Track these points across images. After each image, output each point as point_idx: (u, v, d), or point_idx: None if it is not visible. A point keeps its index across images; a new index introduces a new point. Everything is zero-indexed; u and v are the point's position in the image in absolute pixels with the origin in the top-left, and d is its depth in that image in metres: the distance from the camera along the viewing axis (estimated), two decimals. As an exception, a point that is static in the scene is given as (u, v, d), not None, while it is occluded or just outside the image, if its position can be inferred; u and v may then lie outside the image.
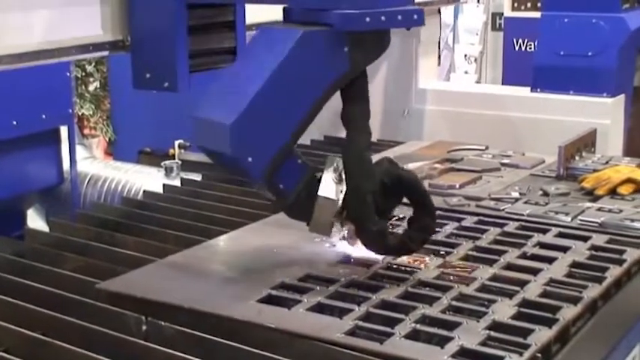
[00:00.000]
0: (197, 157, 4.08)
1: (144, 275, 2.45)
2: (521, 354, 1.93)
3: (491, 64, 8.13)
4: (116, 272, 2.46)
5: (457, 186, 3.18)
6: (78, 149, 4.16)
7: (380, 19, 2.21)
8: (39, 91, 3.74)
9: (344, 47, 2.23)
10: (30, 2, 2.34)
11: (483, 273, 2.38)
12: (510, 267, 2.44)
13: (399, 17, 2.25)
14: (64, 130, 3.97)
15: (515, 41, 7.10)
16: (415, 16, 2.28)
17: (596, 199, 3.03)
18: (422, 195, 2.40)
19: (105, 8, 2.51)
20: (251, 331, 2.07)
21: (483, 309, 2.15)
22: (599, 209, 2.90)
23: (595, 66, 4.29)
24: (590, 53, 4.32)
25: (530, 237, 2.67)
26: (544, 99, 4.37)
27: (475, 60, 8.62)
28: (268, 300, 2.22)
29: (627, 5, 4.44)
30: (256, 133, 2.20)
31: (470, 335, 2.01)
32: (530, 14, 6.56)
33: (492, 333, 2.02)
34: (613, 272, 2.40)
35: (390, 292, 2.25)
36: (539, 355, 1.95)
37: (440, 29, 5.01)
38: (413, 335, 2.02)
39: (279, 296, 2.24)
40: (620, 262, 2.47)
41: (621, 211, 2.86)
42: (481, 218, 2.86)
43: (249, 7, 2.75)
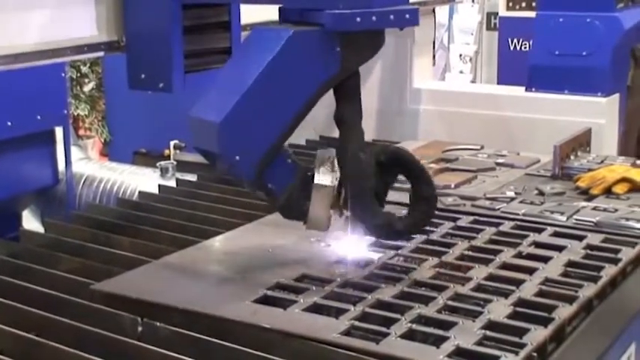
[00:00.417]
0: (192, 158, 4.08)
1: (139, 276, 2.44)
2: (516, 353, 1.92)
3: (486, 64, 8.14)
4: (111, 273, 2.45)
5: (452, 186, 3.18)
6: (73, 150, 4.15)
7: (371, 19, 2.20)
8: (34, 92, 3.73)
9: (336, 47, 2.22)
10: (25, 3, 2.33)
11: (479, 272, 2.38)
12: (506, 266, 2.44)
13: (392, 17, 2.24)
14: (59, 131, 3.96)
15: (510, 41, 7.11)
16: (408, 16, 2.26)
17: (591, 199, 3.03)
18: (418, 167, 2.39)
19: (100, 9, 2.50)
20: (246, 332, 2.07)
21: (479, 309, 2.15)
22: (594, 208, 2.90)
23: (589, 65, 4.29)
24: (584, 53, 4.32)
25: (525, 236, 2.67)
26: (539, 98, 4.37)
27: (470, 60, 8.62)
28: (264, 300, 2.22)
29: (621, 5, 4.44)
30: (245, 132, 2.21)
31: (466, 335, 2.00)
32: (524, 14, 6.57)
33: (488, 332, 2.02)
34: (608, 271, 2.40)
35: (386, 292, 2.25)
36: (534, 355, 1.95)
37: (434, 29, 5.00)
38: (409, 335, 2.02)
39: (274, 296, 2.24)
40: (615, 262, 2.47)
41: (616, 211, 2.86)
42: (476, 218, 2.86)
43: (244, 8, 2.74)
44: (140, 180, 4.16)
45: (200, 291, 2.31)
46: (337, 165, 2.31)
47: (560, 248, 2.57)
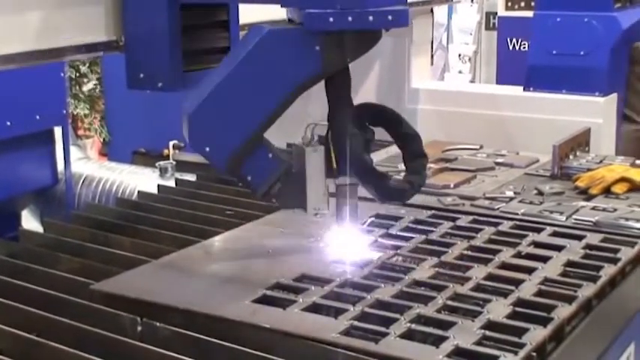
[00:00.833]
0: (191, 158, 4.08)
1: (139, 276, 2.44)
2: (516, 353, 1.92)
3: (485, 64, 8.13)
4: (111, 273, 2.45)
5: (452, 185, 3.18)
6: (72, 150, 4.15)
7: (346, 20, 2.17)
8: (33, 92, 3.72)
9: (315, 46, 2.21)
10: (23, 3, 2.33)
11: (478, 272, 2.37)
12: (505, 266, 2.44)
13: (370, 18, 2.18)
14: (58, 131, 3.96)
15: (509, 40, 7.10)
16: (390, 17, 2.20)
17: (590, 198, 3.03)
18: (404, 124, 2.50)
19: (99, 9, 2.50)
20: (246, 332, 2.07)
21: (478, 308, 2.14)
22: (593, 208, 2.89)
23: (587, 65, 4.29)
24: (582, 52, 4.32)
25: (524, 236, 2.67)
26: (536, 98, 4.36)
27: (469, 59, 8.62)
28: (263, 300, 2.22)
29: (619, 4, 4.44)
30: (215, 125, 2.26)
31: (465, 335, 2.00)
32: (523, 13, 6.57)
33: (487, 332, 2.01)
34: (607, 271, 2.40)
35: (385, 292, 2.24)
36: (534, 354, 1.94)
37: (432, 29, 4.99)
38: (408, 335, 2.01)
39: (274, 296, 2.24)
40: (614, 261, 2.47)
41: (615, 210, 2.86)
42: (476, 217, 2.85)
43: (242, 7, 2.74)
44: (139, 180, 4.16)
45: (199, 291, 2.31)
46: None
47: (559, 248, 2.57)
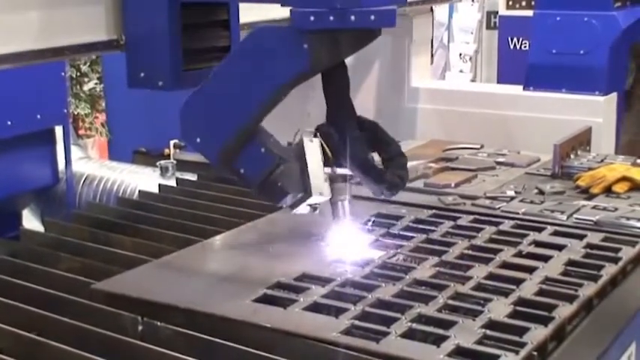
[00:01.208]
0: (192, 157, 4.08)
1: (140, 275, 2.44)
2: (517, 352, 1.92)
3: (486, 63, 8.12)
4: (112, 272, 2.45)
5: (452, 185, 3.18)
6: (73, 149, 4.14)
7: (328, 19, 2.16)
8: (34, 91, 3.72)
9: (303, 45, 2.21)
10: (24, 2, 2.33)
11: (479, 272, 2.37)
12: (506, 265, 2.43)
13: (352, 18, 2.16)
14: (59, 130, 3.95)
15: (510, 40, 7.09)
16: (372, 17, 2.17)
17: (591, 198, 3.03)
18: (380, 130, 2.52)
19: (99, 8, 2.49)
20: (247, 331, 2.06)
21: (479, 308, 2.14)
22: (594, 207, 2.89)
23: (587, 64, 4.28)
24: (582, 52, 4.32)
25: (525, 235, 2.66)
26: (536, 97, 4.36)
27: (470, 59, 8.61)
28: (264, 299, 2.21)
29: (619, 3, 4.43)
30: (206, 116, 2.32)
31: (466, 334, 2.00)
32: (524, 12, 6.55)
33: (488, 332, 2.01)
34: (608, 270, 2.39)
35: (386, 291, 2.24)
36: (535, 354, 1.94)
37: (432, 28, 4.99)
38: (409, 334, 2.01)
39: (274, 296, 2.23)
40: (615, 261, 2.46)
41: (616, 210, 2.85)
42: (477, 217, 2.85)
43: (242, 7, 2.73)
44: (140, 179, 4.15)
45: (200, 290, 2.31)
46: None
47: (560, 247, 2.56)
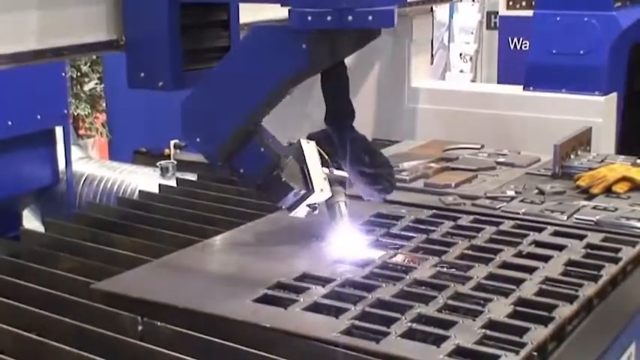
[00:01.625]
0: (192, 157, 4.07)
1: (139, 275, 2.43)
2: (517, 352, 1.92)
3: (486, 63, 8.12)
4: (112, 272, 2.45)
5: (453, 185, 3.17)
6: (73, 149, 4.14)
7: (325, 19, 2.16)
8: (34, 92, 3.72)
9: (301, 45, 2.22)
10: (24, 3, 2.32)
11: (479, 272, 2.37)
12: (506, 265, 2.43)
13: (350, 18, 2.16)
14: (60, 131, 3.95)
15: (510, 40, 7.09)
16: (370, 18, 2.16)
17: (591, 198, 3.02)
18: (369, 143, 2.57)
19: (100, 8, 2.49)
20: (247, 331, 2.06)
21: (479, 308, 2.13)
22: (594, 207, 2.89)
23: (587, 64, 4.28)
24: (582, 52, 4.31)
25: (525, 235, 2.66)
26: (536, 97, 4.36)
27: (470, 59, 8.61)
28: (264, 299, 2.21)
29: (619, 4, 4.43)
30: (205, 115, 2.34)
31: (466, 334, 1.99)
32: (525, 13, 6.54)
33: (488, 332, 2.01)
34: (608, 270, 2.39)
35: (386, 291, 2.23)
36: (535, 354, 1.94)
37: (432, 28, 4.98)
38: (409, 334, 2.00)
39: (275, 296, 2.23)
40: (615, 261, 2.46)
41: (617, 210, 2.85)
42: (477, 217, 2.84)
43: (242, 7, 2.73)
44: (140, 179, 4.15)
45: (200, 290, 2.30)
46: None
47: (560, 247, 2.56)
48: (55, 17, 2.40)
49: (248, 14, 2.73)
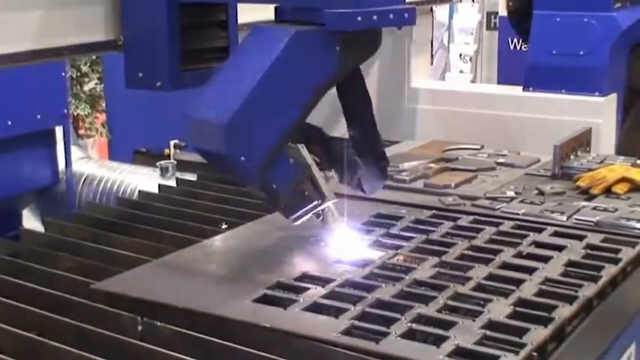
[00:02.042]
0: (192, 158, 4.06)
1: (139, 275, 2.43)
2: (517, 353, 1.91)
3: (486, 64, 8.13)
4: (111, 272, 2.44)
5: (452, 185, 3.17)
6: (73, 149, 4.14)
7: (372, 18, 2.19)
8: (34, 92, 3.72)
9: (335, 47, 2.21)
10: (23, 3, 2.32)
11: (479, 272, 2.37)
12: (506, 266, 2.43)
13: (391, 16, 2.22)
14: (60, 131, 3.95)
15: (510, 40, 7.10)
16: (406, 15, 2.26)
17: (591, 198, 3.02)
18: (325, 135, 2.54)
19: (98, 8, 2.49)
20: (247, 331, 2.06)
21: (479, 308, 2.13)
22: (594, 208, 2.88)
23: (587, 65, 4.28)
24: (582, 52, 4.31)
25: (525, 236, 2.66)
26: (536, 98, 4.36)
27: (470, 59, 8.62)
28: (264, 299, 2.21)
29: (619, 4, 4.43)
30: (250, 133, 2.19)
31: (466, 334, 1.99)
32: (525, 13, 6.56)
33: (488, 332, 2.01)
34: (608, 271, 2.39)
35: (386, 292, 2.23)
36: (534, 354, 1.93)
37: (432, 28, 4.99)
38: (409, 334, 2.00)
39: (274, 296, 2.23)
40: (615, 261, 2.46)
41: (616, 210, 2.85)
42: (477, 217, 2.84)
43: (241, 7, 2.73)
44: (140, 179, 4.15)
45: (200, 290, 2.30)
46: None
47: (560, 248, 2.56)
48: (53, 17, 2.40)
49: (246, 14, 2.73)
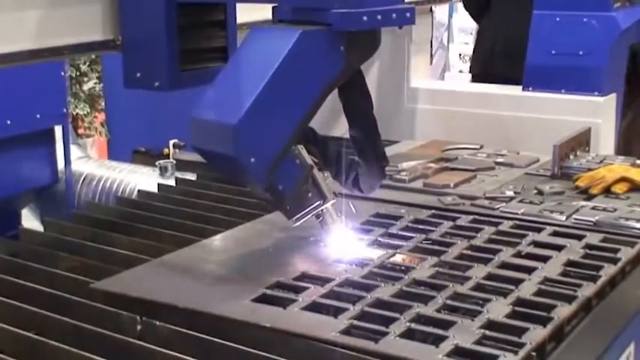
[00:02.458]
0: (192, 157, 4.06)
1: (138, 275, 2.43)
2: (515, 353, 1.91)
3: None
4: (111, 272, 2.44)
5: (452, 185, 3.17)
6: (72, 149, 4.14)
7: (376, 18, 2.21)
8: (33, 91, 3.72)
9: (340, 46, 2.22)
10: (22, 2, 2.32)
11: (478, 272, 2.37)
12: (505, 266, 2.43)
13: (394, 15, 2.25)
14: (59, 130, 3.95)
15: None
16: (408, 14, 2.29)
17: (590, 198, 3.02)
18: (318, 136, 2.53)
19: (96, 8, 2.49)
20: (246, 331, 2.06)
21: (478, 308, 2.13)
22: (593, 208, 2.89)
23: (586, 65, 4.27)
24: (581, 52, 4.31)
25: (524, 236, 2.66)
26: (535, 98, 4.36)
27: (469, 59, 8.61)
28: (263, 299, 2.21)
29: (618, 4, 4.42)
30: (259, 134, 2.19)
31: (465, 334, 1.99)
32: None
33: (487, 332, 2.01)
34: (607, 271, 2.39)
35: (385, 291, 2.24)
36: (533, 354, 1.94)
37: (432, 28, 4.99)
38: (408, 334, 2.01)
39: (274, 295, 2.23)
40: (614, 261, 2.46)
41: (615, 210, 2.85)
42: (476, 217, 2.84)
43: (240, 7, 2.73)
44: (139, 179, 4.14)
45: (199, 290, 2.30)
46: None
47: (559, 248, 2.56)
48: (52, 17, 2.40)
49: (245, 14, 2.73)
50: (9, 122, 3.62)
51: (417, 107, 4.64)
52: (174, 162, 4.12)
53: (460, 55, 8.69)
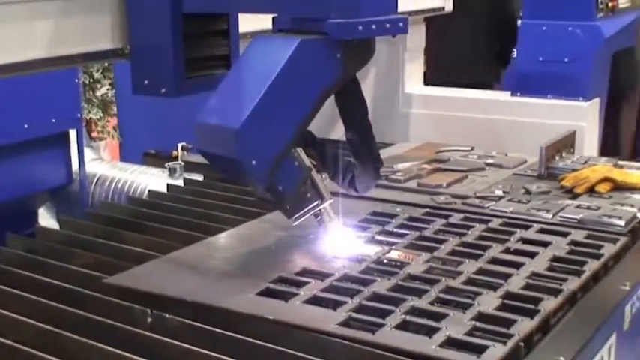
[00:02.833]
0: (199, 159, 4.05)
1: (149, 270, 2.44)
2: (504, 343, 1.92)
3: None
4: (123, 267, 2.45)
5: (444, 185, 3.18)
6: (86, 151, 4.14)
7: (371, 28, 2.21)
8: (49, 97, 3.72)
9: (337, 54, 2.22)
10: (35, 13, 2.33)
11: (469, 267, 2.37)
12: (494, 261, 2.44)
13: (387, 25, 2.25)
14: (73, 133, 3.95)
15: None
16: (401, 24, 2.29)
17: (575, 197, 3.02)
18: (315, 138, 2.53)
19: (106, 18, 2.49)
20: (250, 323, 2.06)
21: (469, 301, 2.14)
22: (578, 207, 2.89)
23: (571, 71, 4.29)
24: (566, 59, 4.32)
25: (513, 233, 2.66)
26: (523, 103, 4.37)
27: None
28: (267, 293, 2.22)
29: (601, 14, 4.43)
30: (260, 137, 2.19)
31: (456, 326, 2.00)
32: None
33: (477, 323, 2.01)
34: (591, 266, 2.39)
35: (382, 285, 2.24)
36: (521, 344, 1.94)
37: (425, 37, 4.99)
38: (403, 326, 2.01)
39: (276, 289, 2.23)
40: (597, 257, 2.47)
41: (599, 209, 2.85)
42: (467, 215, 2.85)
43: (242, 17, 2.74)
44: (150, 179, 4.14)
45: (206, 284, 2.31)
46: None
47: (545, 244, 2.57)
48: (63, 27, 2.40)
49: (246, 24, 2.74)
50: (26, 126, 3.63)
51: (412, 112, 4.65)
52: (182, 164, 4.13)
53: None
